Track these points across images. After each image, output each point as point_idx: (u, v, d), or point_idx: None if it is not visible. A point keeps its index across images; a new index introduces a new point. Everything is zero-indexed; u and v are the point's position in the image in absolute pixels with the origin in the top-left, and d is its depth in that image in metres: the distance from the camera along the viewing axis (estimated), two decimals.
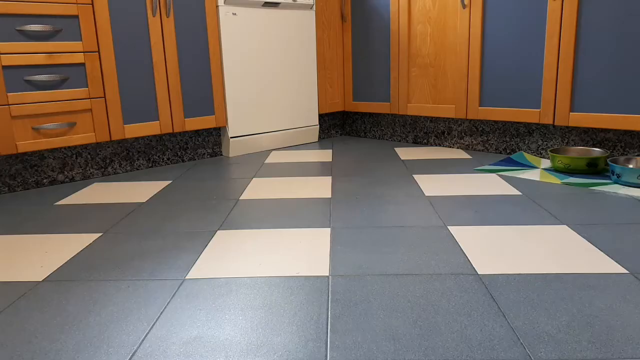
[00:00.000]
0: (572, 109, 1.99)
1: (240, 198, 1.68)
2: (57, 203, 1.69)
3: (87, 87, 1.91)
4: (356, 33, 2.74)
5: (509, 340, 0.81)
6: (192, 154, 2.35)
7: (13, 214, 1.58)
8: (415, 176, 1.91)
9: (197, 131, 2.34)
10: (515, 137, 2.27)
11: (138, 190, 1.82)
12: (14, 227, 1.45)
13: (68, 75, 1.86)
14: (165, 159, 2.26)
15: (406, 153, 2.36)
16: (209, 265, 1.14)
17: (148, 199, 1.71)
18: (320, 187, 1.78)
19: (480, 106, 2.28)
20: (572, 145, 2.08)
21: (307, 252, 1.19)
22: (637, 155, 1.90)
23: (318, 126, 2.78)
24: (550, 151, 1.99)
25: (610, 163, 1.76)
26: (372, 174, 1.97)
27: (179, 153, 2.30)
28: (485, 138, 2.38)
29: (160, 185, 1.90)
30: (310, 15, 2.60)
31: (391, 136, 2.75)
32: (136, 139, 2.15)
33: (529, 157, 2.14)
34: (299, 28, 2.56)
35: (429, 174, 1.94)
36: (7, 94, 1.73)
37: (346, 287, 1.01)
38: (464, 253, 1.17)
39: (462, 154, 2.33)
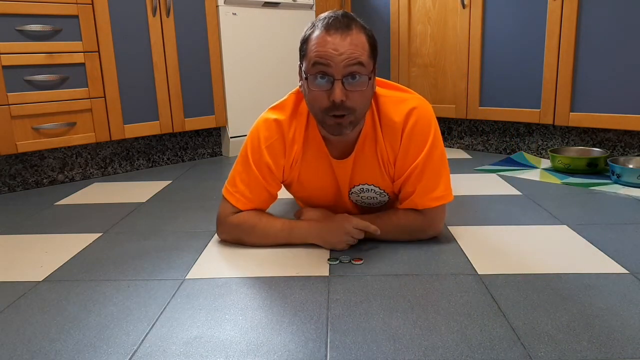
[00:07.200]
0: (572, 109, 1.99)
1: None
2: (57, 203, 1.69)
3: (87, 87, 1.91)
4: None
5: (509, 340, 0.81)
6: (192, 154, 2.35)
7: (13, 214, 1.58)
8: None
9: (197, 131, 2.34)
10: (515, 137, 2.27)
11: (138, 190, 1.82)
12: (14, 227, 1.45)
13: (68, 75, 1.86)
14: (165, 159, 2.26)
15: None
16: (209, 265, 1.14)
17: (148, 199, 1.71)
18: None
19: (480, 106, 2.28)
20: (572, 145, 2.08)
21: (307, 252, 1.19)
22: (637, 155, 1.90)
23: None
24: (550, 151, 1.99)
25: (610, 163, 1.76)
26: None
27: (179, 153, 2.30)
28: (485, 138, 2.38)
29: (160, 185, 1.90)
30: (310, 15, 2.59)
31: None
32: (136, 139, 2.15)
33: (529, 157, 2.14)
34: (299, 28, 2.55)
35: None
36: (7, 94, 1.73)
37: (346, 287, 1.01)
38: (464, 253, 1.17)
39: (462, 154, 2.33)
